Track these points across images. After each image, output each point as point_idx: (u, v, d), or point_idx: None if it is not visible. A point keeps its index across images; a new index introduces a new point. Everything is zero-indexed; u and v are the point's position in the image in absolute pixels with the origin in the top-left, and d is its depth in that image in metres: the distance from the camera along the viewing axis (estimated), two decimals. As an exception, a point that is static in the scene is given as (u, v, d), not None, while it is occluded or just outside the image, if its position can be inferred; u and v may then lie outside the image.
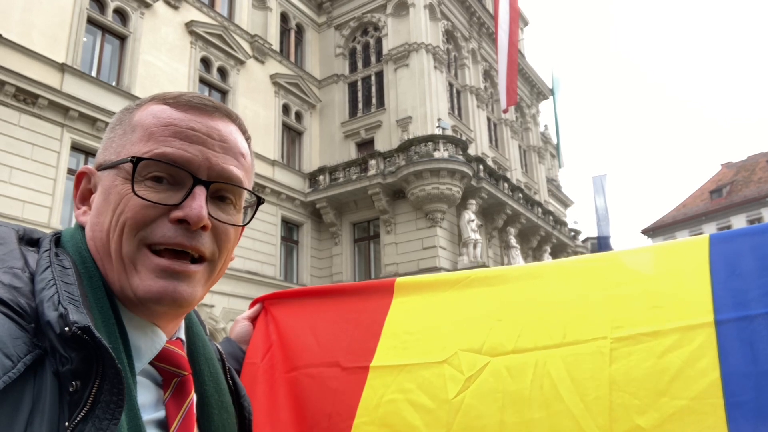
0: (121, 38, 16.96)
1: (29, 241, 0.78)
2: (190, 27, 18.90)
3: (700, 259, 1.30)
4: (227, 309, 17.29)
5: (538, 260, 25.83)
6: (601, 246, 29.06)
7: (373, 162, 20.58)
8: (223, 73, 20.19)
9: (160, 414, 0.78)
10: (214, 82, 19.75)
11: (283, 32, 23.67)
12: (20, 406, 0.59)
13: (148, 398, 0.77)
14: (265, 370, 1.47)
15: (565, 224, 29.72)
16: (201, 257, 0.78)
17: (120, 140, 0.81)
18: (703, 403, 1.15)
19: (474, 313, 1.46)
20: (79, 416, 0.61)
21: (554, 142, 37.27)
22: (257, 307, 1.60)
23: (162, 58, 17.75)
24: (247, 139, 0.88)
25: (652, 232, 49.96)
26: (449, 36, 25.63)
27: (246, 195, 0.85)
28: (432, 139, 19.90)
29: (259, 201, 0.88)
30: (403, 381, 1.41)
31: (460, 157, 20.00)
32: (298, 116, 23.31)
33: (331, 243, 21.64)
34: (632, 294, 1.32)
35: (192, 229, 0.76)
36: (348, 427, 1.40)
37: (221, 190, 0.81)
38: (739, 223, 43.25)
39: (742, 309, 1.20)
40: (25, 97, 13.87)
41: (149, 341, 0.78)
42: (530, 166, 32.61)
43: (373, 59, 24.29)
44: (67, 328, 0.62)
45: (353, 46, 24.94)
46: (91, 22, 16.07)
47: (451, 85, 25.08)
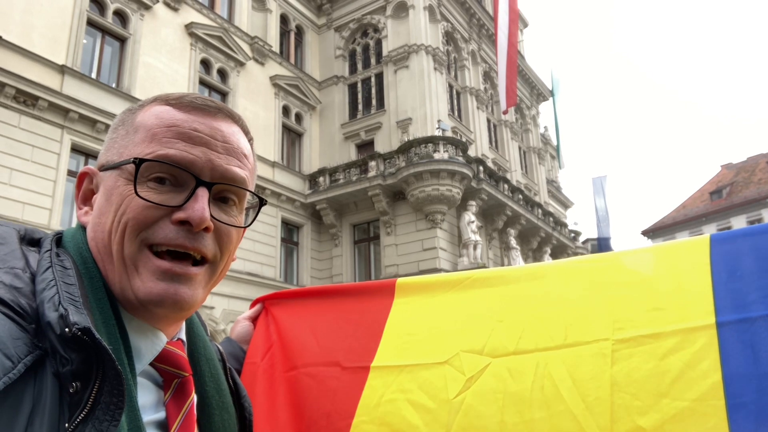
0: (121, 40, 16.97)
1: (30, 241, 0.78)
2: (190, 29, 18.92)
3: (701, 260, 1.30)
4: (227, 310, 17.28)
5: (538, 261, 25.82)
6: (601, 247, 29.04)
7: (373, 163, 20.58)
8: (223, 74, 20.20)
9: (161, 415, 0.78)
10: (214, 84, 19.76)
11: (283, 34, 23.69)
12: (20, 407, 0.59)
13: (148, 399, 0.77)
14: (265, 369, 1.47)
15: (565, 225, 29.72)
16: (203, 259, 0.78)
17: (122, 141, 0.80)
18: (705, 405, 1.15)
19: (475, 314, 1.46)
20: (80, 417, 0.61)
21: (554, 144, 37.29)
22: (258, 307, 1.60)
23: (162, 60, 17.76)
24: (250, 141, 0.88)
25: (652, 233, 49.95)
26: (449, 37, 25.65)
27: (248, 196, 0.85)
28: (432, 140, 19.90)
29: (262, 202, 0.87)
30: (404, 381, 1.41)
31: (460, 159, 20.00)
32: (298, 118, 23.31)
33: (331, 244, 21.63)
34: (633, 295, 1.32)
35: (194, 231, 0.75)
36: (347, 426, 1.40)
37: (224, 191, 0.81)
38: (739, 225, 43.25)
39: (743, 311, 1.20)
40: (25, 99, 13.88)
41: (149, 342, 0.78)
42: (530, 168, 32.61)
43: (372, 61, 24.30)
44: (68, 329, 0.62)
45: (353, 47, 24.96)
46: (91, 23, 16.08)
47: (450, 87, 25.09)
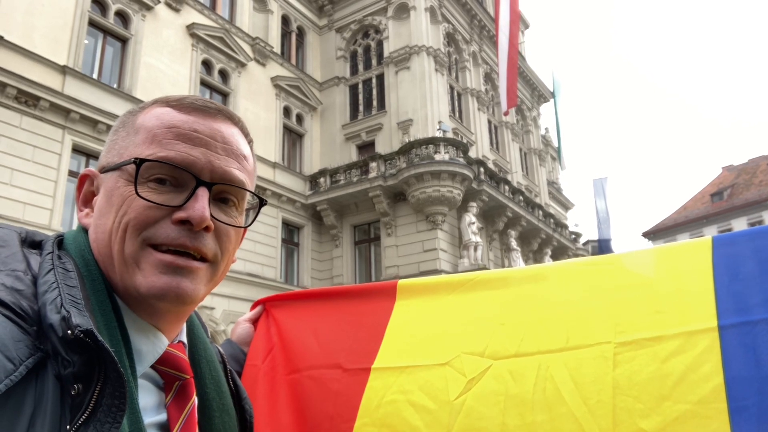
0: (123, 40, 16.98)
1: (32, 243, 0.78)
2: (192, 29, 18.93)
3: (703, 263, 1.29)
4: (228, 311, 17.29)
5: (538, 263, 25.81)
6: (602, 249, 29.02)
7: (373, 164, 20.59)
8: (224, 75, 20.21)
9: (162, 417, 0.78)
10: (216, 85, 19.78)
11: (284, 35, 23.71)
12: (22, 409, 0.59)
13: (149, 401, 0.77)
14: (266, 372, 1.47)
15: (565, 227, 29.71)
16: (203, 258, 0.78)
17: (123, 142, 0.81)
18: (707, 408, 1.14)
19: (477, 316, 1.46)
20: (81, 419, 0.61)
21: (555, 145, 37.28)
22: (258, 308, 1.60)
23: (163, 61, 17.78)
24: (249, 142, 0.88)
25: (653, 235, 49.94)
26: (450, 39, 25.67)
27: (248, 197, 0.86)
28: (433, 141, 19.91)
29: (261, 203, 0.88)
30: (405, 382, 1.41)
31: (461, 160, 20.01)
32: (299, 118, 23.33)
33: (331, 245, 21.64)
34: (635, 298, 1.32)
35: (195, 230, 0.76)
36: (349, 429, 1.39)
37: (223, 192, 0.81)
38: (740, 226, 43.21)
39: (745, 314, 1.20)
40: (27, 99, 13.89)
41: (151, 345, 0.78)
42: (531, 169, 32.61)
43: (374, 62, 24.32)
44: (70, 332, 0.62)
45: (354, 48, 24.98)
46: (92, 24, 16.10)
47: (451, 88, 25.10)
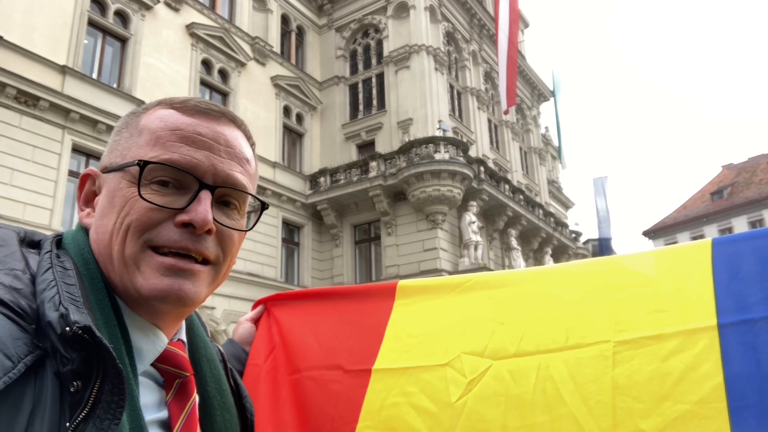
0: (122, 40, 16.98)
1: (30, 243, 0.78)
2: (191, 29, 18.93)
3: (703, 263, 1.30)
4: (228, 311, 17.30)
5: (539, 262, 25.83)
6: (602, 248, 29.01)
7: (373, 164, 20.59)
8: (224, 75, 20.21)
9: (163, 414, 0.78)
10: (215, 84, 19.78)
11: (284, 34, 23.70)
12: (21, 407, 0.59)
13: (150, 399, 0.77)
14: (268, 372, 1.47)
15: (566, 226, 29.71)
16: (205, 261, 0.79)
17: (126, 143, 0.81)
18: (707, 407, 1.14)
19: (476, 317, 1.45)
20: (80, 416, 0.61)
21: (555, 144, 37.27)
22: (260, 308, 1.60)
23: (163, 60, 17.78)
24: (252, 145, 0.89)
25: (653, 233, 49.95)
26: (450, 38, 25.66)
27: (250, 200, 0.86)
28: (433, 140, 19.91)
29: (264, 206, 0.88)
30: (406, 384, 1.41)
31: (461, 159, 20.01)
32: (299, 118, 23.33)
33: (332, 245, 21.64)
34: (635, 297, 1.32)
35: (197, 233, 0.76)
36: (351, 431, 1.39)
37: (226, 195, 0.81)
38: (740, 225, 43.25)
39: (744, 313, 1.20)
40: (26, 99, 13.89)
41: (151, 343, 0.78)
42: (531, 168, 32.61)
43: (373, 61, 24.32)
44: (68, 328, 0.62)
45: (354, 48, 24.97)
46: (92, 24, 16.10)
47: (451, 87, 25.10)
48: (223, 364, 0.96)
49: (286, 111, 22.60)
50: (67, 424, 0.61)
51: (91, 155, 15.03)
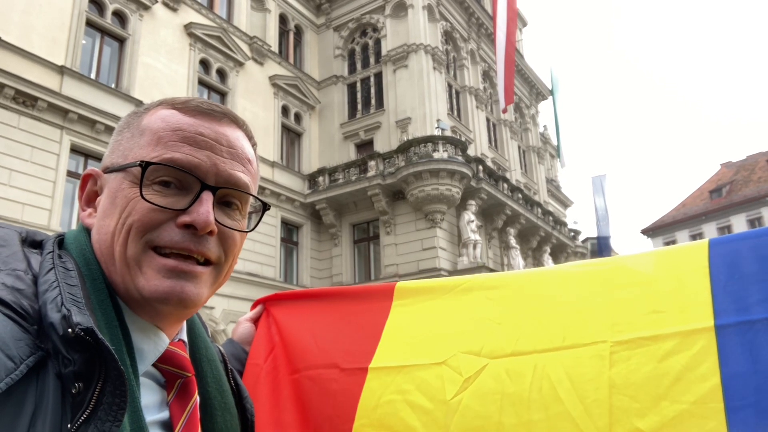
0: (120, 40, 16.96)
1: (32, 243, 0.78)
2: (189, 29, 18.91)
3: (700, 264, 1.30)
4: (227, 311, 17.29)
5: (538, 260, 25.84)
6: (600, 246, 29.04)
7: (372, 163, 20.58)
8: (222, 74, 20.19)
9: (164, 415, 0.78)
10: (214, 84, 19.76)
11: (282, 34, 23.68)
12: (23, 408, 0.59)
13: (151, 399, 0.77)
14: (268, 371, 1.47)
15: (564, 224, 29.73)
16: (207, 261, 0.79)
17: (128, 143, 0.81)
18: (704, 408, 1.15)
19: (473, 317, 1.46)
20: (82, 418, 0.61)
21: (553, 143, 37.30)
22: (259, 308, 1.60)
23: (161, 60, 17.76)
24: (253, 146, 0.89)
25: (651, 232, 49.98)
26: (448, 37, 25.65)
27: (251, 200, 0.86)
28: (431, 139, 19.90)
29: (265, 207, 0.88)
30: (402, 382, 1.41)
31: (460, 158, 20.01)
32: (298, 117, 23.31)
33: (330, 244, 21.64)
34: (632, 298, 1.32)
35: (199, 234, 0.76)
36: (348, 430, 1.39)
37: (228, 195, 0.81)
38: (738, 223, 43.29)
39: (741, 314, 1.20)
40: (25, 100, 13.87)
41: (152, 343, 0.78)
42: (529, 167, 32.62)
43: (372, 60, 24.30)
44: (70, 330, 0.62)
45: (352, 47, 24.96)
46: (90, 24, 16.07)
47: (450, 86, 25.09)
48: (224, 364, 0.96)
49: (285, 110, 22.59)
50: (69, 426, 0.61)
51: (89, 155, 15.01)
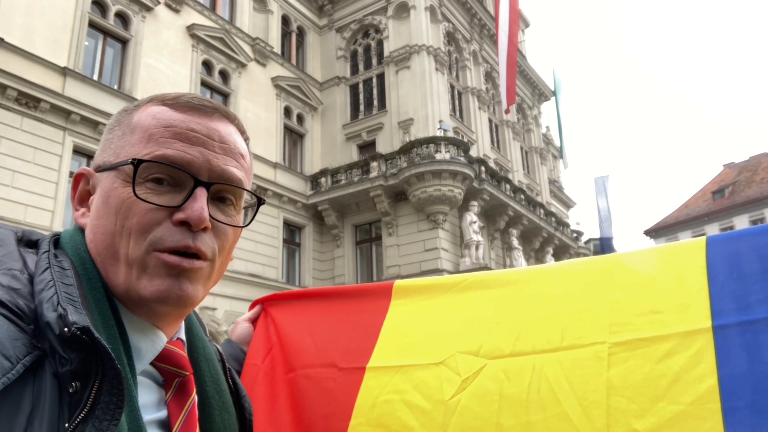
0: (123, 42, 17.00)
1: (28, 242, 0.78)
2: (192, 30, 18.94)
3: (698, 263, 1.30)
4: (229, 312, 17.30)
5: (540, 262, 25.81)
6: (603, 247, 28.98)
7: (374, 164, 20.59)
8: (224, 75, 20.22)
9: (162, 414, 0.78)
10: (216, 85, 19.79)
11: (285, 35, 23.71)
12: (20, 408, 0.59)
13: (149, 398, 0.77)
14: (266, 371, 1.47)
15: (567, 225, 29.70)
16: (202, 257, 0.78)
17: (119, 141, 0.80)
18: (701, 408, 1.15)
19: (472, 316, 1.46)
20: (79, 417, 0.61)
21: (556, 144, 37.25)
22: (257, 308, 1.60)
23: (164, 62, 17.80)
24: (246, 140, 0.88)
25: (654, 233, 49.89)
26: (450, 38, 25.66)
27: (246, 196, 0.85)
28: (433, 140, 19.90)
29: (260, 202, 0.88)
30: (399, 382, 1.41)
31: (462, 159, 20.00)
32: (300, 119, 23.34)
33: (333, 245, 21.64)
34: (630, 298, 1.33)
35: (193, 230, 0.76)
36: (344, 428, 1.40)
37: (221, 191, 0.81)
38: (741, 224, 43.16)
39: (739, 314, 1.21)
40: (27, 101, 13.91)
41: (150, 342, 0.78)
42: (532, 168, 32.59)
43: (374, 61, 24.32)
44: (67, 329, 0.62)
45: (354, 48, 24.98)
46: (92, 25, 16.12)
47: (452, 87, 25.09)
48: (222, 364, 0.96)
49: (287, 112, 22.61)
50: (66, 425, 0.61)
51: (92, 157, 15.00)
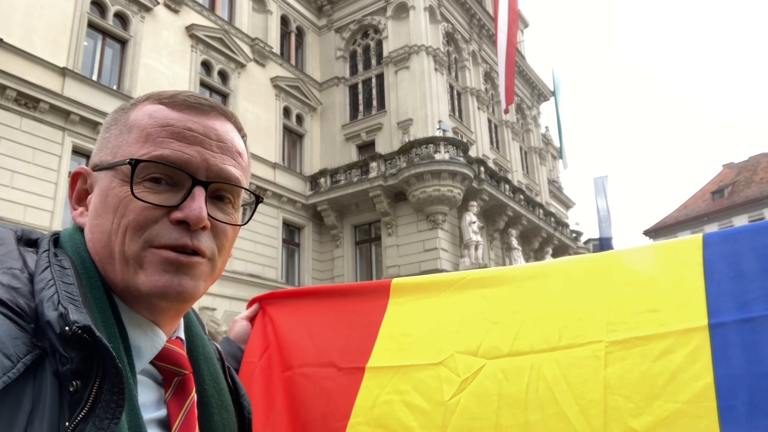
0: (122, 42, 17.00)
1: (27, 241, 0.78)
2: (191, 30, 18.94)
3: (694, 261, 1.30)
4: (229, 312, 17.29)
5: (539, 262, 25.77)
6: (602, 247, 28.98)
7: (374, 164, 20.59)
8: (223, 76, 20.22)
9: (162, 413, 0.78)
10: (215, 86, 19.79)
11: (284, 35, 23.71)
12: (20, 407, 0.59)
13: (149, 397, 0.77)
14: (263, 369, 1.48)
15: (566, 226, 29.71)
16: (201, 255, 0.78)
17: (116, 141, 0.80)
18: (697, 407, 1.16)
19: (470, 315, 1.46)
20: (80, 416, 0.61)
21: (555, 144, 37.27)
22: (255, 306, 1.60)
23: (163, 62, 17.79)
24: (243, 138, 0.88)
25: (653, 233, 49.89)
26: (449, 38, 25.66)
27: (244, 194, 0.85)
28: (433, 141, 19.91)
29: (258, 200, 0.88)
30: (399, 382, 1.42)
31: (461, 159, 20.01)
32: (299, 119, 23.33)
33: (332, 245, 21.64)
34: (627, 297, 1.33)
35: (192, 229, 0.76)
36: (342, 427, 1.40)
37: (220, 189, 0.81)
38: (741, 224, 42.94)
39: (735, 312, 1.21)
40: (27, 102, 13.91)
41: (149, 341, 0.78)
42: (531, 168, 32.60)
43: (373, 62, 24.32)
44: (68, 328, 0.62)
45: (354, 48, 24.98)
46: (92, 26, 16.12)
47: (451, 87, 25.09)
48: (221, 362, 0.96)
49: (286, 112, 22.61)
50: (67, 424, 0.61)
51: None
